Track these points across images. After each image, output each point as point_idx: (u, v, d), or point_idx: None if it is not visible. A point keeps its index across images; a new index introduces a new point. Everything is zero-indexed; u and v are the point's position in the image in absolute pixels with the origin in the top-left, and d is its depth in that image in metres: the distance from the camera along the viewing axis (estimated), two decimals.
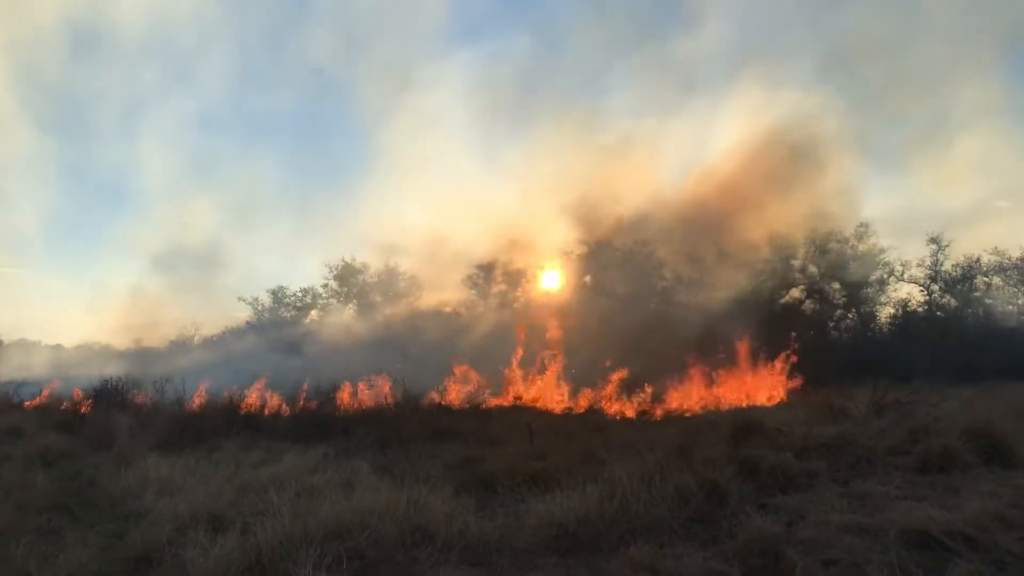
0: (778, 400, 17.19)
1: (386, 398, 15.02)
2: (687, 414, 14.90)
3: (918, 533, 5.15)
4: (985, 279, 26.58)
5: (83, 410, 15.06)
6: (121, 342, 38.05)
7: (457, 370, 17.89)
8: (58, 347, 41.33)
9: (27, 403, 16.85)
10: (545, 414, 15.32)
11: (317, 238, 70.63)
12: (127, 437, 10.66)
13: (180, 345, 35.27)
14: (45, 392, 17.85)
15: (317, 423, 12.39)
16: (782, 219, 26.09)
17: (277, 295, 38.82)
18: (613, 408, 15.94)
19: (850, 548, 5.06)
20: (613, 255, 28.29)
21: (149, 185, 66.17)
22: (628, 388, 17.06)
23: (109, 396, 15.58)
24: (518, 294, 33.24)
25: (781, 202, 26.67)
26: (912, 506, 5.98)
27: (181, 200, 59.87)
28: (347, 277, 37.91)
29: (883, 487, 6.83)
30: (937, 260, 26.75)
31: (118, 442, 10.32)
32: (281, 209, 66.30)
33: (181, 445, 10.32)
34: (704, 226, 26.95)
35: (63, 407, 15.65)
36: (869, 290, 27.71)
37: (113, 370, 18.19)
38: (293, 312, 37.93)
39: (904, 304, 27.34)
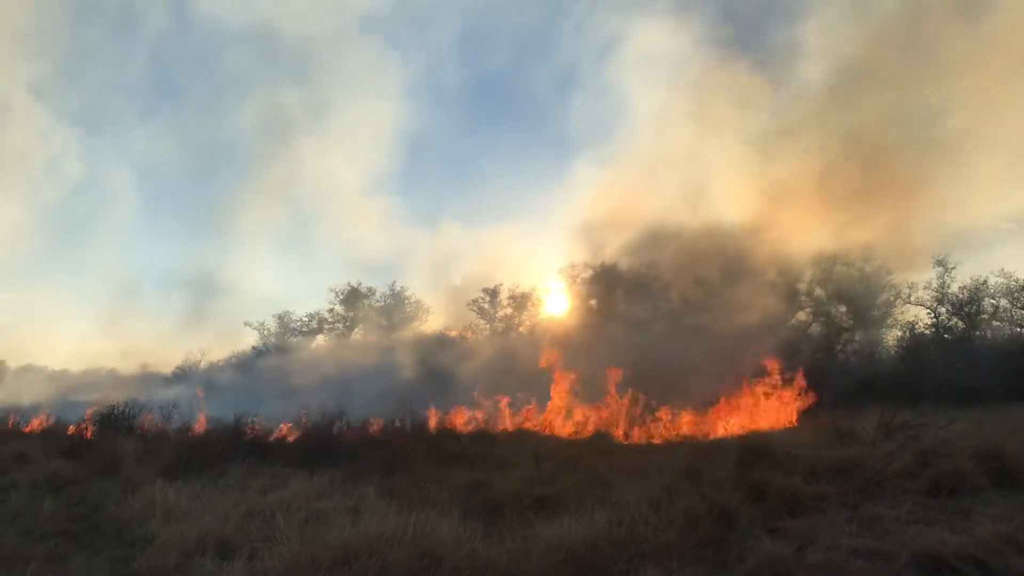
0: (786, 423, 17.08)
1: (392, 423, 14.97)
2: (695, 437, 14.83)
3: (930, 557, 5.12)
4: (992, 301, 26.50)
5: (88, 435, 15.05)
6: (127, 367, 38.12)
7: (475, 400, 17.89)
8: (64, 372, 41.33)
9: (25, 428, 16.83)
10: (551, 438, 15.26)
11: (322, 263, 70.81)
12: (133, 462, 10.67)
13: (186, 370, 35.28)
14: (38, 419, 17.74)
15: (323, 448, 12.35)
16: (790, 241, 26.07)
17: (283, 320, 38.92)
18: (620, 432, 15.87)
19: (861, 573, 5.03)
20: (619, 278, 28.37)
21: (155, 206, 66.81)
22: (636, 412, 16.99)
23: (115, 421, 15.58)
24: (524, 318, 33.30)
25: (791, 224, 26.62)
26: (923, 530, 5.95)
27: (188, 222, 60.50)
28: (353, 301, 38.04)
29: (893, 510, 6.80)
30: (944, 282, 26.71)
31: (124, 467, 10.33)
32: (285, 233, 66.51)
33: (187, 470, 10.31)
34: (711, 249, 26.96)
35: (69, 432, 15.64)
36: (876, 313, 27.63)
37: (119, 395, 18.21)
38: (299, 337, 38.00)
39: (911, 326, 27.25)
